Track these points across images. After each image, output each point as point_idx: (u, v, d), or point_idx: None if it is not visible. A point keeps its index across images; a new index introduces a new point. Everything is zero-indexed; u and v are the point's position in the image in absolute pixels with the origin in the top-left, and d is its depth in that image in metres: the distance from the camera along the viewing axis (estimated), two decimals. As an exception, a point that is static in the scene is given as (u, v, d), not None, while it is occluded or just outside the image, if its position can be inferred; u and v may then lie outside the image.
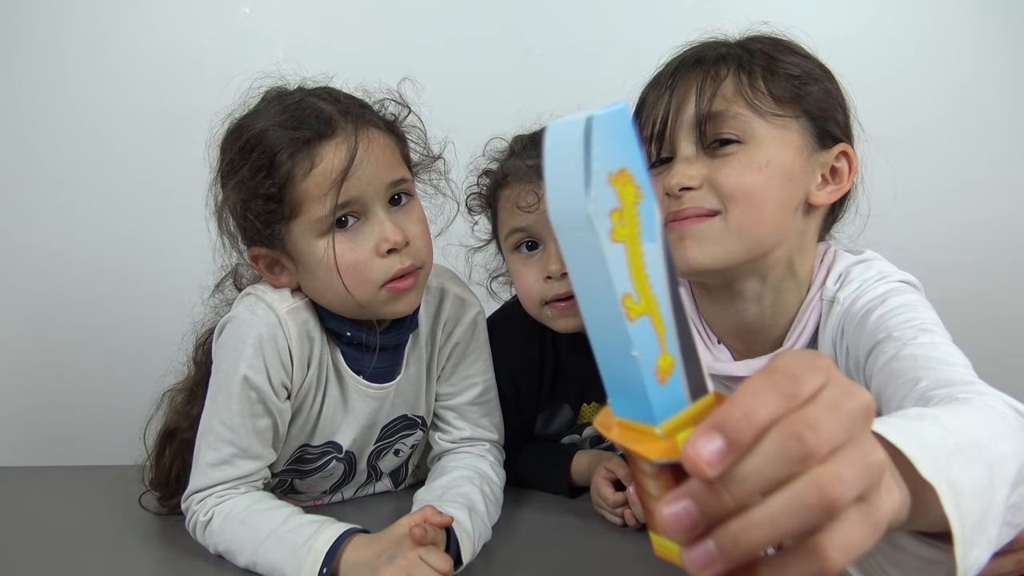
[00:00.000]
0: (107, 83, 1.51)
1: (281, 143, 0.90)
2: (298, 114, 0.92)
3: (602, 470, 1.05)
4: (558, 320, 1.07)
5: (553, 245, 1.05)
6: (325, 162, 0.90)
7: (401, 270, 0.93)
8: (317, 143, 0.90)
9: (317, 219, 0.90)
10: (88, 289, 1.54)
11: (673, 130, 0.84)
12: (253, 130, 0.92)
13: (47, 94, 1.52)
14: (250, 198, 0.91)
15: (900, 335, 0.75)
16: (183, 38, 1.51)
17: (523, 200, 1.05)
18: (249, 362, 0.94)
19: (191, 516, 0.95)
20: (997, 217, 1.57)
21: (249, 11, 1.53)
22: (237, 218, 0.94)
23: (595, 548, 0.97)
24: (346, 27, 1.53)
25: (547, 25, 1.55)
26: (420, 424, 1.10)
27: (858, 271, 0.86)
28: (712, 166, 0.81)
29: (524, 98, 1.40)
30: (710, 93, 0.82)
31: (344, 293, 0.92)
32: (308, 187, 0.90)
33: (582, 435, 1.19)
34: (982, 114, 1.57)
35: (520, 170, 1.07)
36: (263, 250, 0.96)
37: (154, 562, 0.98)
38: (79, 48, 1.52)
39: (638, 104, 0.89)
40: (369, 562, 0.83)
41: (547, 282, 1.06)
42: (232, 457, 0.95)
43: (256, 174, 0.90)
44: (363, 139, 0.92)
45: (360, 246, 0.92)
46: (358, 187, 0.91)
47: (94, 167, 1.52)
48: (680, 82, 0.84)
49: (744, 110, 0.81)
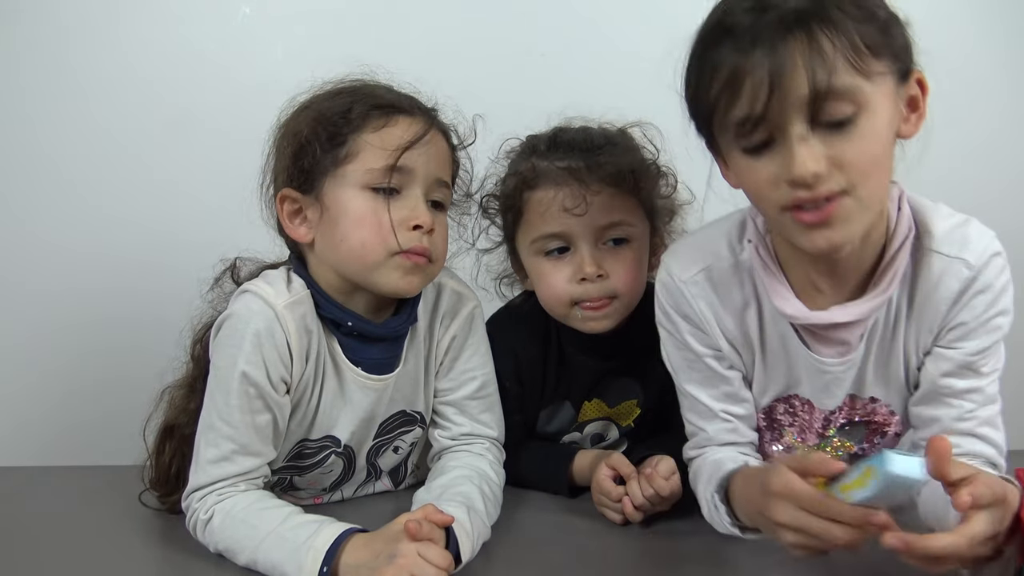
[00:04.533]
0: (106, 83, 1.51)
1: (364, 101, 0.97)
2: (389, 90, 1.01)
3: (603, 467, 1.05)
4: (588, 322, 1.08)
5: (585, 247, 1.06)
6: (398, 128, 0.97)
7: (421, 247, 0.97)
8: (395, 113, 0.98)
9: (368, 170, 0.95)
10: (88, 288, 1.54)
11: (778, 109, 0.75)
12: (340, 91, 1.00)
13: (46, 94, 1.52)
14: (317, 129, 0.96)
15: (978, 387, 0.89)
16: (183, 38, 1.51)
17: (568, 202, 1.05)
18: (247, 358, 0.94)
19: (191, 514, 0.95)
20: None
21: (249, 11, 1.53)
22: (291, 154, 0.98)
23: (595, 548, 0.97)
24: (346, 27, 1.53)
25: (547, 25, 1.55)
26: (419, 420, 1.10)
27: (976, 235, 0.87)
28: (830, 143, 0.76)
29: (524, 98, 1.41)
30: (820, 65, 0.74)
31: (361, 247, 0.95)
32: (373, 140, 0.95)
33: (583, 432, 1.19)
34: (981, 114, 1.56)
35: (552, 172, 1.07)
36: (297, 194, 0.98)
37: (155, 563, 0.98)
38: (78, 48, 1.52)
39: (702, 66, 0.80)
40: (368, 562, 0.82)
41: (581, 284, 1.06)
42: (232, 454, 0.95)
43: (332, 112, 0.97)
44: (435, 132, 0.99)
45: (393, 212, 0.95)
46: (415, 162, 0.96)
47: (93, 166, 1.52)
48: (774, 52, 0.74)
49: (854, 77, 0.75)
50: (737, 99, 0.76)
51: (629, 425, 1.19)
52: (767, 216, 0.86)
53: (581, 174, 1.05)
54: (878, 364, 0.93)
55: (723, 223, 0.98)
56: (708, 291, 0.95)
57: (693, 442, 1.01)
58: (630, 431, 1.20)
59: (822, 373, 0.94)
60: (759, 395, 0.99)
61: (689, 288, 0.95)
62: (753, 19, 0.76)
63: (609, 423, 1.18)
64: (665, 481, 0.99)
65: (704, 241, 0.98)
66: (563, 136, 1.11)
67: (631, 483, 1.01)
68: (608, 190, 1.05)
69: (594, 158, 1.07)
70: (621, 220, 1.07)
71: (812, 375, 0.94)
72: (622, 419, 1.18)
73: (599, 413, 1.17)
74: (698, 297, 0.95)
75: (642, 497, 0.99)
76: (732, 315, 0.95)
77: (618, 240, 1.08)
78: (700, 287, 0.95)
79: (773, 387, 0.97)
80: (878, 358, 0.93)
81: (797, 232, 0.81)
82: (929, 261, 0.87)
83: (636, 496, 0.99)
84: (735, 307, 0.95)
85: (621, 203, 1.07)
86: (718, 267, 0.94)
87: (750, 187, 0.83)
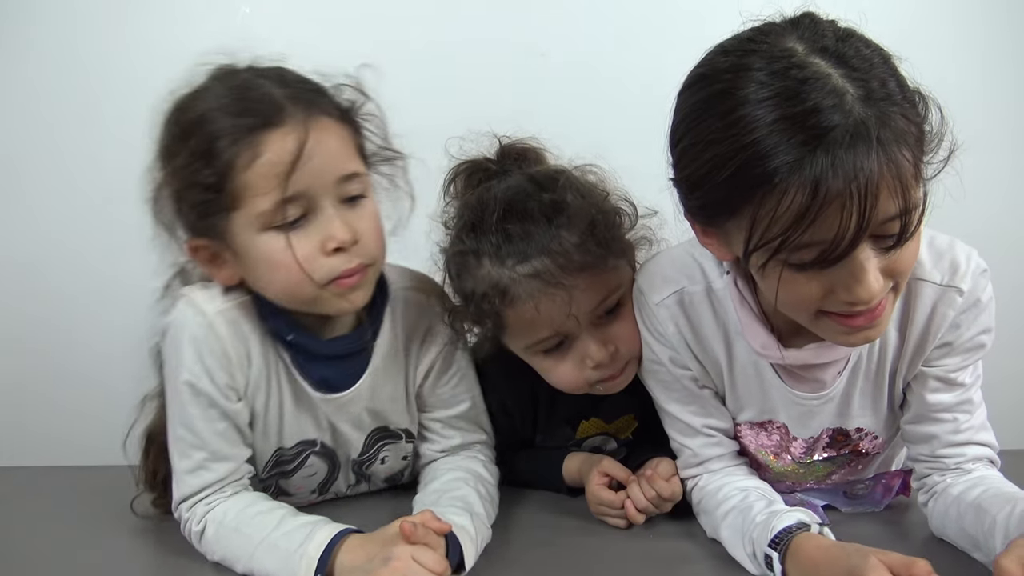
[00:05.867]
0: (106, 83, 1.51)
1: (223, 129, 0.83)
2: (244, 97, 0.85)
3: (596, 476, 1.03)
4: (610, 390, 1.03)
5: (586, 336, 0.98)
6: (271, 153, 0.83)
7: (348, 270, 0.88)
8: (262, 131, 0.83)
9: (259, 213, 0.84)
10: (89, 288, 1.54)
11: (852, 237, 0.68)
12: (193, 112, 0.85)
13: (44, 93, 1.52)
14: (187, 186, 0.85)
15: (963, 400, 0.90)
16: (182, 38, 1.50)
17: (554, 312, 0.94)
18: (189, 368, 0.91)
19: (184, 525, 0.94)
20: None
21: (249, 11, 1.53)
22: (173, 207, 0.88)
23: (595, 548, 0.96)
24: (346, 27, 1.53)
25: (547, 25, 1.55)
26: (404, 437, 1.07)
27: (963, 258, 0.85)
28: (884, 256, 0.72)
29: (524, 98, 1.41)
30: (901, 195, 0.67)
31: (286, 290, 0.88)
32: (251, 178, 0.83)
33: (580, 448, 1.16)
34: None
35: (520, 283, 0.94)
36: (203, 241, 0.90)
37: (155, 563, 0.99)
38: (77, 48, 1.52)
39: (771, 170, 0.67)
40: (363, 565, 0.81)
41: (596, 369, 0.99)
42: (205, 462, 0.93)
43: (194, 161, 0.84)
44: (314, 129, 0.85)
45: (304, 242, 0.86)
46: (306, 181, 0.84)
47: (90, 166, 1.52)
48: (852, 184, 0.65)
49: (918, 189, 0.70)
50: (816, 222, 0.67)
51: (627, 437, 1.17)
52: (796, 317, 0.80)
53: (553, 275, 0.93)
54: (864, 396, 0.93)
55: (698, 245, 0.93)
56: (679, 314, 0.93)
57: (682, 461, 1.01)
58: (628, 442, 1.18)
59: (797, 405, 0.94)
60: (735, 413, 0.98)
61: (660, 311, 0.94)
62: (830, 160, 0.66)
63: (608, 437, 1.16)
64: (666, 482, 0.99)
65: (679, 262, 0.95)
66: (510, 227, 0.95)
67: (632, 487, 1.00)
68: (584, 275, 0.95)
69: (555, 244, 0.93)
70: (607, 293, 0.98)
71: (788, 406, 0.94)
72: (620, 433, 1.16)
73: (597, 430, 1.14)
74: (668, 320, 0.93)
75: (645, 500, 0.98)
76: (702, 340, 0.94)
77: (612, 307, 0.99)
78: (671, 310, 0.93)
79: (748, 411, 0.97)
80: (864, 390, 0.93)
81: (833, 331, 0.78)
82: (920, 291, 0.86)
83: (639, 500, 0.98)
84: (706, 333, 0.93)
85: (601, 277, 0.97)
86: (691, 291, 0.93)
87: (785, 296, 0.75)
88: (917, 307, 0.87)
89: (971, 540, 0.85)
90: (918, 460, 0.95)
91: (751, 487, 0.95)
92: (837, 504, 1.03)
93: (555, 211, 0.96)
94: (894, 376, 0.92)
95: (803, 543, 0.81)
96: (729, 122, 0.69)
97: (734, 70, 0.70)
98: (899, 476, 1.02)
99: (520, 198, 0.97)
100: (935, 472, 0.93)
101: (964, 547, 0.88)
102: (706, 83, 0.73)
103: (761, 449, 0.99)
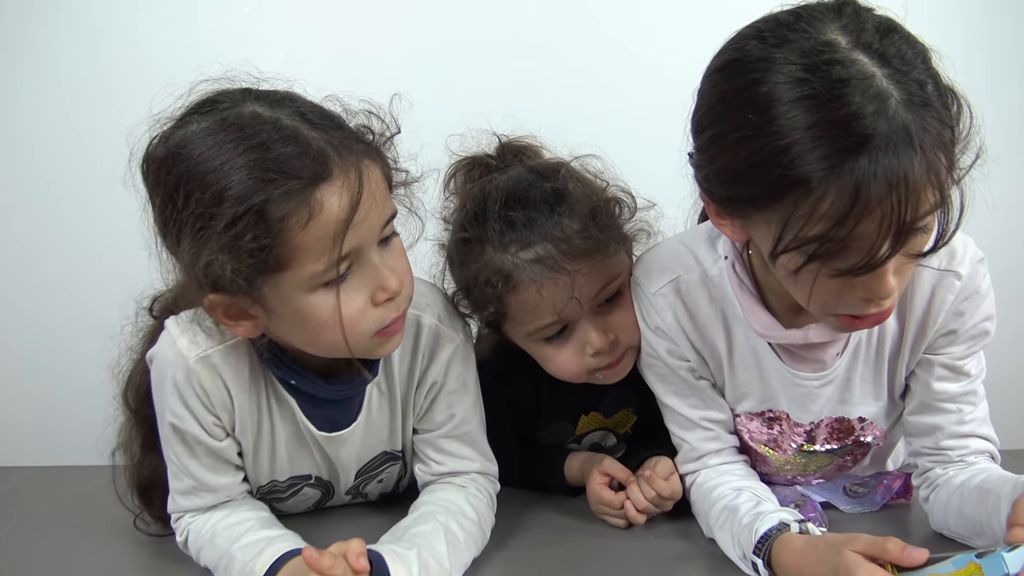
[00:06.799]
0: (105, 83, 1.51)
1: (265, 191, 0.73)
2: (279, 150, 0.74)
3: (596, 475, 1.03)
4: (609, 379, 1.03)
5: (586, 323, 0.98)
6: (326, 211, 0.75)
7: (395, 319, 0.84)
8: (313, 189, 0.75)
9: (311, 275, 0.77)
10: (88, 287, 1.54)
11: (893, 245, 0.68)
12: (217, 172, 0.74)
13: (43, 93, 1.52)
14: (231, 254, 0.74)
15: (967, 389, 0.91)
16: (182, 38, 1.50)
17: (556, 297, 0.95)
18: (172, 410, 0.90)
19: (176, 534, 0.96)
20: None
21: (249, 11, 1.53)
22: (211, 274, 0.76)
23: (595, 548, 0.97)
24: (346, 27, 1.53)
25: (547, 25, 1.55)
26: (402, 457, 1.06)
27: (960, 244, 0.86)
28: (901, 258, 0.71)
29: (525, 98, 1.41)
30: (939, 199, 0.67)
31: (331, 346, 0.83)
32: (304, 240, 0.75)
33: (580, 444, 1.17)
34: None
35: (523, 268, 0.95)
36: (225, 298, 0.80)
37: (155, 562, 0.98)
38: (75, 47, 1.52)
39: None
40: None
41: (595, 356, 1.00)
42: (194, 489, 0.94)
43: (235, 226, 0.73)
44: (366, 180, 0.78)
45: (354, 297, 0.80)
46: (360, 237, 0.78)
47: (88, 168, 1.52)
48: (894, 190, 0.64)
49: (952, 192, 0.69)
50: (856, 227, 0.66)
51: (627, 432, 1.18)
52: (810, 309, 0.79)
53: (555, 261, 0.94)
54: (865, 381, 0.93)
55: (693, 235, 0.96)
56: (676, 303, 0.94)
57: (680, 457, 1.01)
58: (628, 437, 1.19)
59: (797, 387, 0.94)
60: (734, 403, 0.98)
61: (657, 300, 0.94)
62: (873, 166, 0.64)
63: (607, 432, 1.17)
64: (665, 482, 0.99)
65: (673, 252, 0.96)
66: (513, 215, 0.96)
67: (631, 487, 1.00)
68: (586, 260, 0.95)
69: (558, 231, 0.95)
70: (608, 279, 0.98)
71: (787, 388, 0.94)
72: (620, 427, 1.17)
73: (597, 424, 1.15)
74: (666, 309, 0.94)
75: (645, 500, 0.98)
76: (701, 327, 0.94)
77: (612, 295, 1.00)
78: (667, 299, 0.94)
79: (748, 400, 0.97)
80: (864, 376, 0.93)
81: (840, 326, 0.80)
82: (918, 276, 0.87)
83: (639, 500, 0.99)
84: (704, 319, 0.94)
85: (602, 263, 0.97)
86: (687, 279, 0.93)
87: (800, 288, 0.75)
88: (916, 292, 0.87)
89: (974, 524, 0.85)
90: (921, 454, 0.95)
91: (744, 487, 0.95)
92: (837, 503, 1.03)
93: (557, 199, 0.96)
94: (894, 362, 0.92)
95: (780, 549, 0.82)
96: (765, 119, 0.66)
97: (770, 60, 0.67)
98: (900, 478, 1.02)
99: (522, 187, 0.98)
100: (938, 465, 0.93)
101: (966, 535, 0.88)
102: (739, 70, 0.70)
103: (761, 441, 0.99)
